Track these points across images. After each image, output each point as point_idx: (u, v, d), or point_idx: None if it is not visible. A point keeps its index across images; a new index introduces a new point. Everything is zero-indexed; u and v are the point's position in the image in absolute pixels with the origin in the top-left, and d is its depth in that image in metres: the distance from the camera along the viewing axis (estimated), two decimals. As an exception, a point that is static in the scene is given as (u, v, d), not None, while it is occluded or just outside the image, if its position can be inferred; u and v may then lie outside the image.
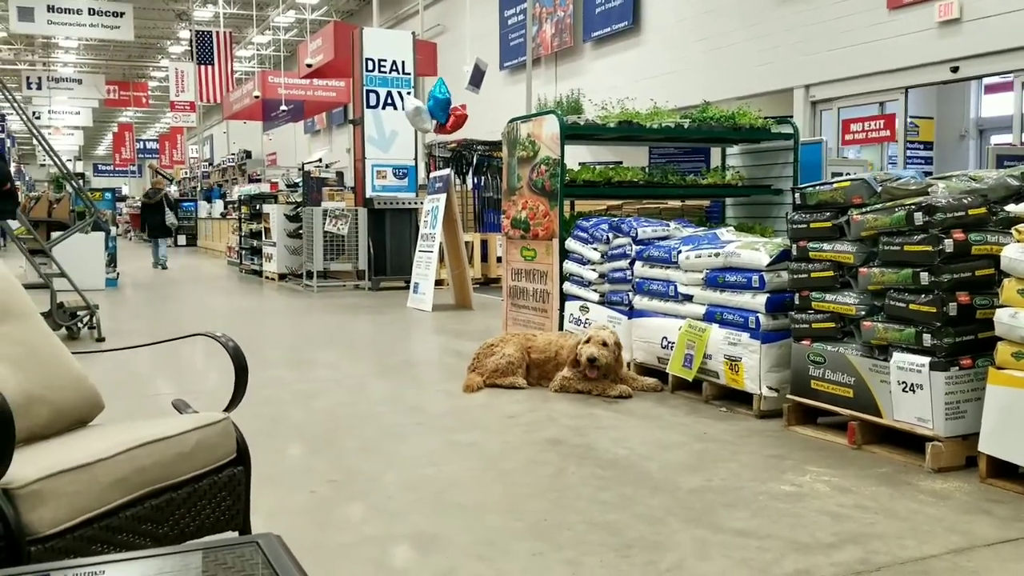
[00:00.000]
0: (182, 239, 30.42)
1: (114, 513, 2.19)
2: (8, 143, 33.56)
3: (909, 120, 12.52)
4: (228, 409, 2.72)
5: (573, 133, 6.95)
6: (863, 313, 4.34)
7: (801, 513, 3.51)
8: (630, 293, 6.11)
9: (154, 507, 2.29)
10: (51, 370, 2.60)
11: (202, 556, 1.55)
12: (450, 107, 11.11)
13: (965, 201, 4.03)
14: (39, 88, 31.07)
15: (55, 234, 10.98)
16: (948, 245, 3.94)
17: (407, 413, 5.32)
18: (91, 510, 2.13)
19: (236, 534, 2.59)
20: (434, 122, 11.11)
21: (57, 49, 36.10)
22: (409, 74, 13.94)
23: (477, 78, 15.12)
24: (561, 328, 6.78)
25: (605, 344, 5.51)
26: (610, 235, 6.34)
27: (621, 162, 11.05)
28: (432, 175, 12.11)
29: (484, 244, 14.07)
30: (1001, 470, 3.77)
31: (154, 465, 2.31)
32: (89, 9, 22.82)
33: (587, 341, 5.53)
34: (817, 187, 4.71)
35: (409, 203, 13.32)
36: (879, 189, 4.32)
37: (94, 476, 2.16)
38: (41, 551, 2.00)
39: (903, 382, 4.11)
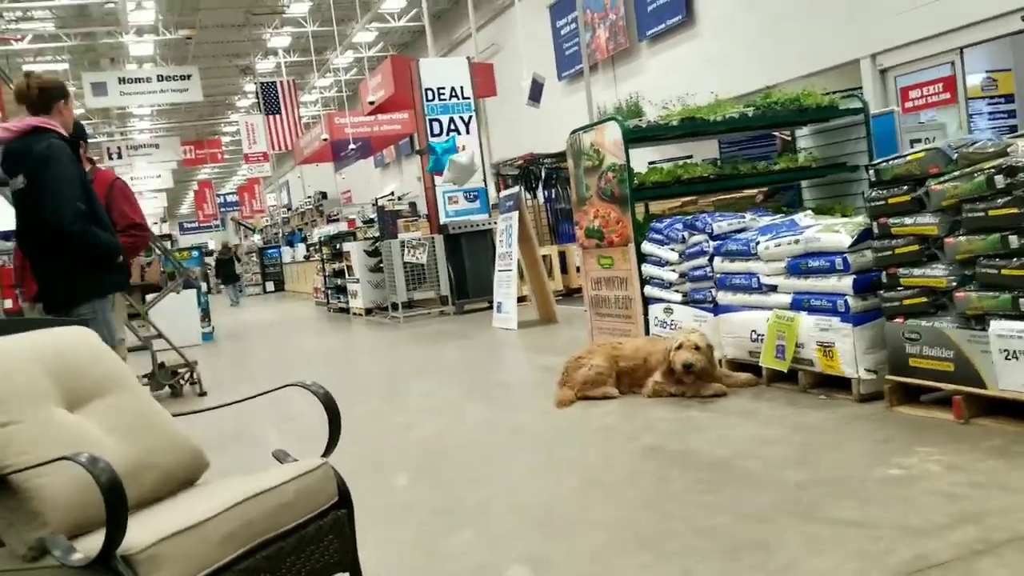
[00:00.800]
0: (270, 285, 31.24)
1: (228, 568, 2.26)
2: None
3: (986, 75, 12.10)
4: (325, 454, 2.78)
5: (636, 137, 6.92)
6: (954, 284, 4.22)
7: (912, 496, 3.42)
8: (713, 290, 6.05)
9: (265, 558, 2.36)
10: (155, 435, 2.70)
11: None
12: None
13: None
14: (120, 157, 32.26)
15: (149, 297, 11.38)
16: (1035, 204, 3.80)
17: (504, 435, 5.36)
18: (206, 568, 2.20)
19: (347, 575, 2.65)
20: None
21: (132, 118, 37.50)
22: (469, 98, 14.10)
23: (536, 92, 15.19)
24: (647, 333, 6.74)
25: (698, 348, 5.45)
26: (685, 234, 6.29)
27: (691, 156, 10.93)
28: (502, 194, 12.20)
29: (562, 256, 14.09)
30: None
31: (261, 517, 2.38)
32: (158, 76, 23.71)
33: (679, 347, 5.47)
34: (891, 161, 4.60)
35: (483, 224, 13.43)
36: (955, 156, 4.20)
37: (205, 534, 2.24)
38: (163, 612, 2.07)
39: (1005, 350, 3.97)
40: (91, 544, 2.13)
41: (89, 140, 6.31)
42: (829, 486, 3.67)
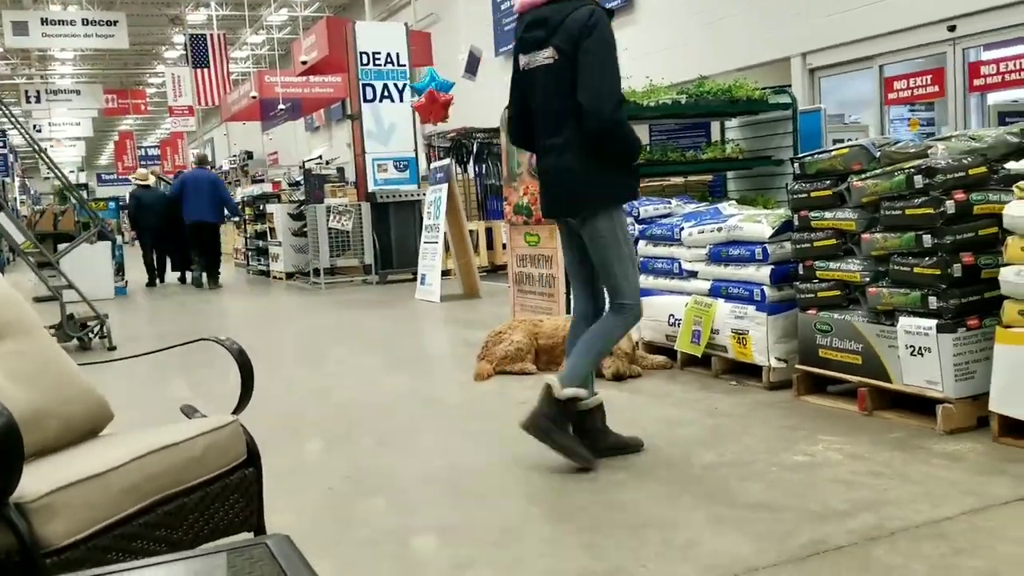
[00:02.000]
0: (189, 243, 30.47)
1: (127, 521, 2.21)
2: (11, 158, 33.66)
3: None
4: (236, 411, 2.74)
5: (570, 115, 6.91)
6: (868, 279, 4.33)
7: (815, 483, 3.51)
8: (635, 272, 6.10)
9: (167, 513, 2.31)
10: (58, 384, 2.61)
11: (211, 560, 1.56)
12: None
13: (965, 161, 4.01)
14: (38, 101, 31.11)
15: (61, 246, 11.03)
16: (949, 206, 3.92)
17: (420, 405, 5.34)
18: (104, 520, 2.15)
19: (251, 535, 2.61)
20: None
21: (54, 61, 36.13)
22: (404, 66, 13.93)
23: (473, 65, 15.06)
24: (568, 312, 6.78)
25: (627, 355, 5.50)
26: (612, 216, 6.31)
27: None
28: (433, 166, 12.11)
29: (489, 232, 14.07)
30: (1013, 428, 3.76)
31: (165, 472, 2.33)
32: (83, 20, 22.83)
33: (610, 353, 5.46)
34: (816, 156, 4.69)
35: (412, 195, 13.32)
36: (878, 154, 4.30)
37: (105, 486, 2.18)
38: (56, 563, 2.01)
39: (911, 346, 4.10)
40: (-17, 490, 2.06)
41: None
42: (735, 468, 3.75)
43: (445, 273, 11.37)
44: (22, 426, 2.03)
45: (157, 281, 15.42)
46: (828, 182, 4.54)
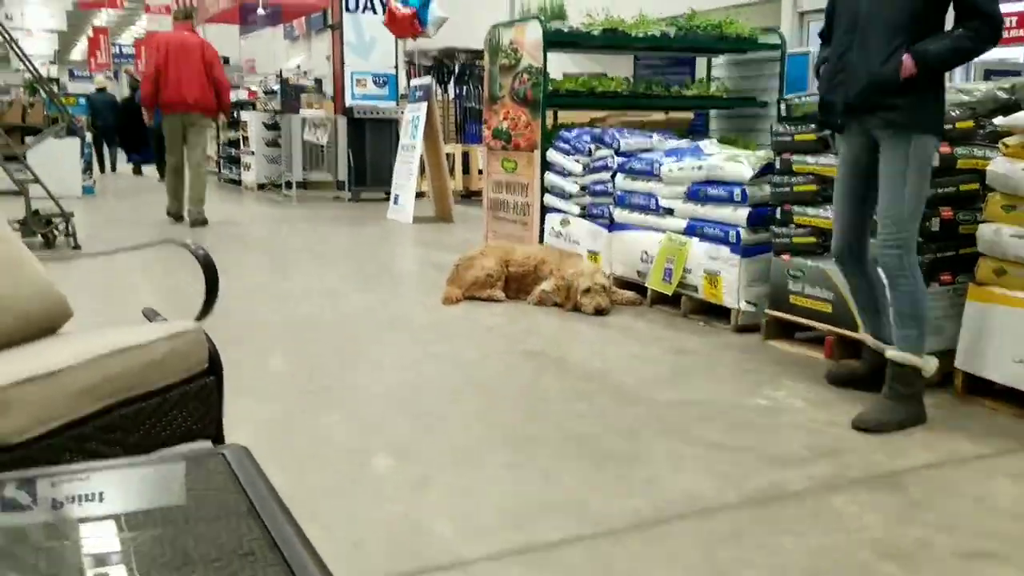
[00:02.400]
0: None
1: (83, 422, 2.16)
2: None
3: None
4: (199, 318, 2.67)
5: (556, 40, 6.79)
6: (845, 228, 4.30)
7: (776, 427, 3.53)
8: (611, 206, 6.05)
9: (124, 416, 2.26)
10: (14, 276, 2.53)
11: (167, 466, 1.52)
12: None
13: (953, 114, 3.97)
14: (7, -10, 30.05)
15: (29, 139, 10.76)
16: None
17: (385, 324, 5.30)
18: (59, 419, 2.10)
19: (210, 443, 2.58)
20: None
21: (27, -52, 34.86)
22: (390, -24, 13.54)
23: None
24: (541, 242, 6.74)
25: (605, 290, 5.46)
26: (592, 147, 6.24)
27: (605, 73, 10.84)
28: (413, 83, 11.88)
29: (466, 156, 13.88)
30: (977, 387, 3.79)
31: (124, 374, 2.27)
32: (59, -96, 21.96)
33: (587, 290, 5.43)
34: (804, 98, 4.62)
35: (390, 112, 13.09)
36: (866, 102, 4.23)
37: (62, 384, 2.12)
38: (8, 459, 1.96)
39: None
40: (-68, 382, 1.99)
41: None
42: (697, 408, 3.76)
43: (419, 195, 11.25)
44: (-25, 318, 1.96)
45: (108, 170, 15.57)
46: (814, 126, 4.48)
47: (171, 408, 2.40)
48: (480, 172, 12.55)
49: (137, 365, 2.31)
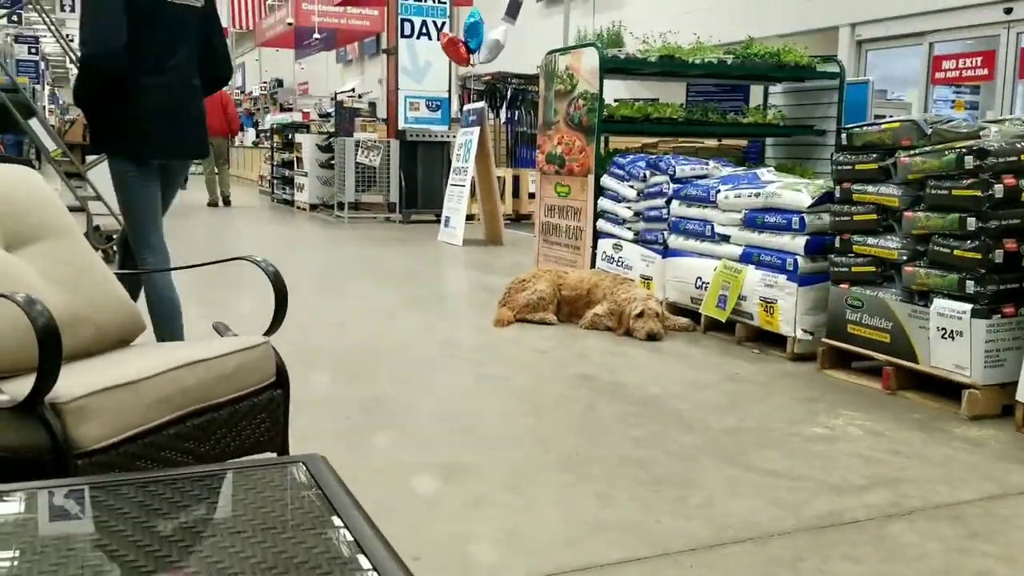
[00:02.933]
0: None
1: (158, 431, 2.21)
2: (43, 65, 33.56)
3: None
4: (268, 333, 2.73)
5: (613, 67, 6.83)
6: (905, 258, 4.28)
7: (833, 455, 3.50)
8: (665, 232, 6.05)
9: (196, 426, 2.31)
10: (95, 289, 2.61)
11: (249, 474, 1.56)
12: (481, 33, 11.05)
13: (1018, 145, 3.93)
14: (72, 10, 30.87)
15: (91, 158, 11.01)
16: (998, 191, 3.85)
17: (438, 345, 5.34)
18: (135, 427, 2.16)
19: (275, 455, 2.62)
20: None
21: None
22: (445, 3, 13.73)
23: (514, 9, 14.80)
24: (593, 266, 6.75)
25: (658, 315, 5.47)
26: (647, 173, 6.26)
27: (658, 99, 10.86)
28: (466, 108, 11.99)
29: (516, 180, 13.97)
30: (1038, 420, 3.74)
31: (197, 385, 2.33)
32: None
33: (640, 314, 5.44)
34: (865, 127, 4.60)
35: (442, 136, 13.22)
36: (929, 131, 4.22)
37: (138, 394, 2.18)
38: (87, 465, 2.02)
39: (942, 328, 4.05)
40: (19, 388, 2.06)
41: None
42: (754, 435, 3.74)
43: (469, 217, 11.33)
44: (59, 328, 2.03)
45: None
46: (874, 155, 4.46)
47: (240, 419, 2.45)
48: (530, 195, 12.62)
49: (209, 377, 2.37)
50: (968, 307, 3.95)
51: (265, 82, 33.96)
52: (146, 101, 3.86)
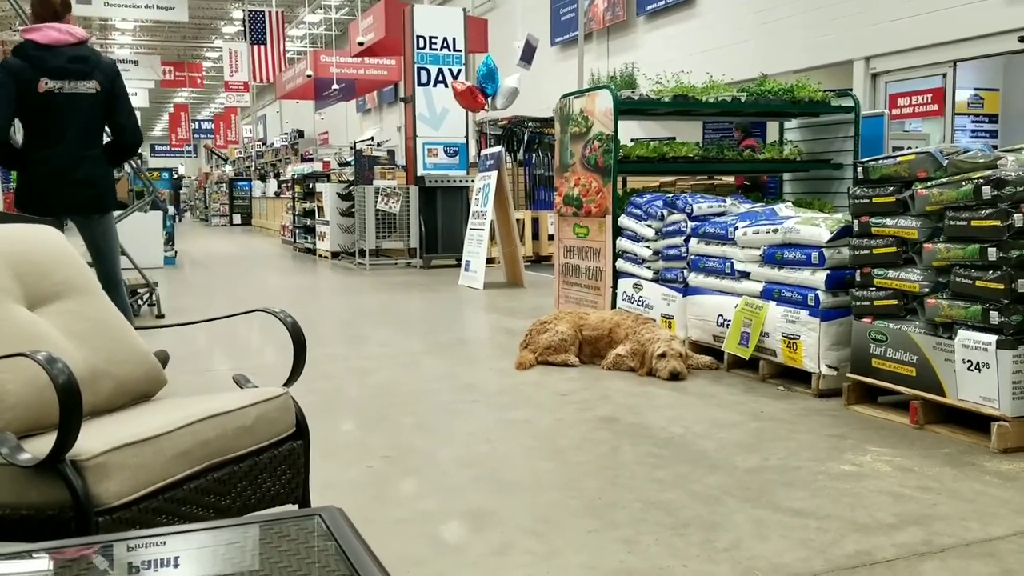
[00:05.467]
0: (237, 218, 30.87)
1: (178, 485, 2.22)
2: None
3: (974, 92, 12.16)
4: (287, 384, 2.74)
5: (627, 108, 6.87)
6: (927, 290, 4.24)
7: (861, 493, 3.45)
8: (685, 270, 6.05)
9: (217, 480, 2.31)
10: (115, 345, 2.64)
11: (266, 528, 1.55)
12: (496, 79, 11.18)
13: (1044, 176, 3.90)
14: None
15: (115, 213, 11.16)
16: (1017, 220, 3.82)
17: (460, 390, 5.33)
18: (156, 482, 2.16)
19: (296, 507, 2.62)
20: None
21: (114, 31, 36.62)
22: (460, 51, 13.92)
23: (528, 54, 15.01)
24: (614, 306, 6.74)
25: (681, 355, 5.45)
26: (664, 212, 6.27)
27: (674, 138, 10.91)
28: (483, 153, 12.10)
29: (535, 222, 14.04)
30: (1071, 451, 3.67)
31: (217, 438, 2.33)
32: (146, -9, 23.06)
33: (662, 355, 5.42)
34: (880, 160, 4.59)
35: (460, 181, 13.33)
36: (945, 162, 4.20)
37: (159, 449, 2.19)
38: (108, 521, 2.03)
39: (968, 360, 4.01)
40: (40, 445, 2.08)
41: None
42: (780, 474, 3.69)
43: (489, 261, 11.37)
44: (80, 384, 2.04)
45: None
46: (892, 188, 4.45)
47: (261, 471, 2.45)
48: (550, 237, 12.66)
49: (230, 430, 2.38)
50: (993, 338, 3.90)
51: (286, 133, 34.42)
52: (40, 169, 4.92)
